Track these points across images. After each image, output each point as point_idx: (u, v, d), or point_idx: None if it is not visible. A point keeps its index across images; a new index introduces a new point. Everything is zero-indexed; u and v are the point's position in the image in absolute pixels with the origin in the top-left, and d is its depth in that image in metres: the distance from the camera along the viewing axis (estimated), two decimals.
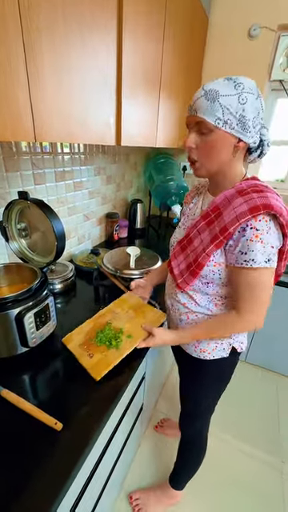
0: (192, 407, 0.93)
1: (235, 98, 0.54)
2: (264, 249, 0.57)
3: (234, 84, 0.54)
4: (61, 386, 0.66)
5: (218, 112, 0.54)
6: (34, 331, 0.68)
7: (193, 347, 0.78)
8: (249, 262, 0.58)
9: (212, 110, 0.54)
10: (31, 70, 0.54)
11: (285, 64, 1.55)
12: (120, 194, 1.72)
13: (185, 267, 0.69)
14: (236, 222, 0.56)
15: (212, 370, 0.80)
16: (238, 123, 0.55)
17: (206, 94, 0.55)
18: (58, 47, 0.58)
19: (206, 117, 0.55)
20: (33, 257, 0.87)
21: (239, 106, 0.54)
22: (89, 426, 0.57)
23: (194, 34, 1.38)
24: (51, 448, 0.53)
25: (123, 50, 0.80)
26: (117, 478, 0.99)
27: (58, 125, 0.65)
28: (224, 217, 0.59)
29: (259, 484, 1.21)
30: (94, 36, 0.69)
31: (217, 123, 0.55)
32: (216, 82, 0.56)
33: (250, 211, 0.55)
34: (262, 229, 0.56)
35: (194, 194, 0.81)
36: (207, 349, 0.75)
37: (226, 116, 0.54)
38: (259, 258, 0.57)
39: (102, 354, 0.71)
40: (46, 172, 1.07)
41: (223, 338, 0.74)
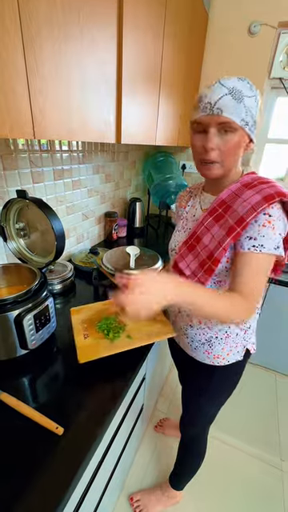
0: (194, 412, 0.91)
1: (253, 100, 0.56)
2: (274, 236, 0.56)
3: (249, 85, 0.56)
4: (61, 388, 0.65)
5: (242, 113, 0.55)
6: (33, 333, 0.67)
7: (205, 354, 0.73)
8: (258, 248, 0.56)
9: (239, 110, 0.54)
10: (30, 63, 0.52)
11: (285, 62, 1.54)
12: (119, 193, 1.71)
13: (197, 266, 0.66)
14: (253, 212, 0.56)
15: (223, 376, 0.77)
16: (253, 124, 0.57)
17: (231, 92, 0.53)
18: (56, 40, 0.57)
19: (234, 117, 0.54)
20: (32, 257, 0.86)
21: (255, 108, 0.56)
22: (90, 430, 0.56)
23: (193, 31, 1.36)
24: (52, 453, 0.51)
25: (123, 45, 0.79)
26: (117, 479, 0.98)
27: (58, 122, 0.63)
28: (237, 209, 0.58)
29: (259, 482, 1.21)
30: (93, 30, 0.67)
31: (241, 124, 0.55)
32: (232, 79, 0.55)
33: (266, 199, 0.55)
34: (274, 215, 0.56)
35: (187, 197, 0.79)
36: (221, 354, 0.72)
37: (248, 117, 0.56)
38: (269, 244, 0.56)
39: (96, 340, 0.72)
40: (45, 170, 1.05)
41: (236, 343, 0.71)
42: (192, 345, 0.75)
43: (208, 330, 0.71)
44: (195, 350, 0.75)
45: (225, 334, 0.71)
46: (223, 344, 0.71)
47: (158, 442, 1.35)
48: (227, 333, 0.70)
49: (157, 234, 1.81)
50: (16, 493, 0.45)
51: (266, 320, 1.64)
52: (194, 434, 0.98)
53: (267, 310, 1.61)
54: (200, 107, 0.57)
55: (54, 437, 0.54)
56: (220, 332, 0.70)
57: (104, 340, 0.72)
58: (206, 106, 0.55)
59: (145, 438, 1.36)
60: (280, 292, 1.52)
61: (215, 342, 0.71)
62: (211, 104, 0.55)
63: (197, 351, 0.75)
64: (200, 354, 0.75)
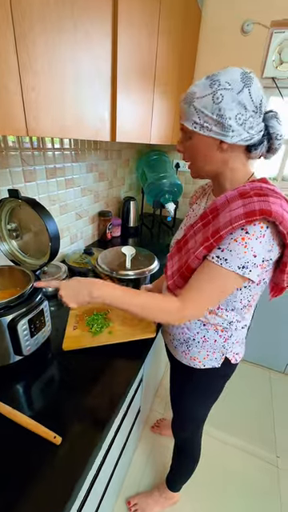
0: (182, 414, 0.91)
1: (209, 98, 0.50)
2: (244, 254, 0.51)
3: (210, 82, 0.50)
4: (58, 395, 0.63)
5: (194, 116, 0.53)
6: (28, 338, 0.64)
7: (183, 354, 0.74)
8: (220, 261, 0.52)
9: (189, 115, 0.54)
10: (22, 58, 0.49)
11: (277, 61, 1.54)
12: (112, 192, 1.68)
13: (176, 269, 0.65)
14: (229, 226, 0.51)
15: (202, 379, 0.76)
16: (216, 124, 0.52)
17: (185, 97, 0.54)
18: (49, 34, 0.54)
19: (185, 122, 0.55)
20: (25, 259, 0.83)
21: (214, 106, 0.50)
22: (89, 438, 0.54)
23: (187, 27, 1.35)
24: (51, 464, 0.49)
25: (118, 41, 0.77)
26: (116, 483, 0.97)
27: (52, 118, 0.61)
28: (220, 218, 0.54)
29: (255, 479, 1.22)
30: (87, 26, 0.65)
31: (193, 127, 0.54)
32: (199, 81, 0.53)
33: (246, 215, 0.49)
34: (252, 233, 0.50)
35: (199, 195, 0.78)
36: (198, 357, 0.72)
37: (203, 119, 0.52)
38: (233, 262, 0.51)
39: (81, 333, 0.79)
40: (37, 169, 1.01)
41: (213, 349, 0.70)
42: (173, 343, 0.76)
43: (187, 330, 0.70)
44: (175, 349, 0.77)
45: (202, 338, 0.69)
46: (200, 347, 0.70)
47: (154, 443, 1.34)
48: (205, 337, 0.69)
49: (151, 234, 1.80)
50: (12, 506, 0.43)
51: (259, 318, 1.65)
52: (186, 437, 0.98)
53: (260, 308, 1.62)
54: None
55: (52, 447, 0.52)
56: (198, 335, 0.69)
57: (88, 333, 0.79)
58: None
59: (142, 439, 1.35)
60: None
61: (192, 343, 0.71)
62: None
63: (176, 350, 0.76)
64: (179, 353, 0.76)
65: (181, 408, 0.90)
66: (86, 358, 0.74)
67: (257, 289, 0.60)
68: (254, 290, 0.60)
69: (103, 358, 0.74)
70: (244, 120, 0.51)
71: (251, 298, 0.62)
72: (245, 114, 0.51)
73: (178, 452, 1.04)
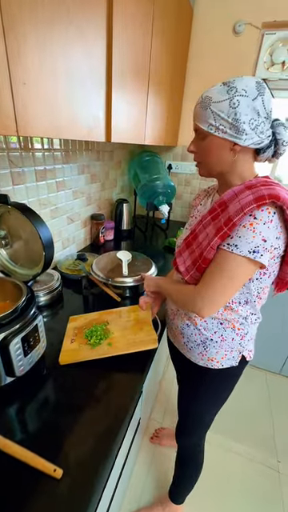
0: (191, 419, 0.88)
1: (226, 103, 0.54)
2: (253, 239, 0.53)
3: (228, 88, 0.54)
4: (55, 419, 0.57)
5: (210, 119, 0.56)
6: (21, 358, 0.59)
7: (199, 356, 0.73)
8: (230, 247, 0.55)
9: (204, 117, 0.57)
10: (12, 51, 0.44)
11: (269, 62, 1.54)
12: (105, 194, 1.63)
13: (191, 263, 0.65)
14: (241, 212, 0.53)
15: (219, 379, 0.76)
16: (231, 127, 0.55)
17: (201, 101, 0.57)
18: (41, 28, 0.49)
19: (200, 124, 0.58)
20: (15, 269, 0.76)
21: (231, 110, 0.54)
22: (93, 468, 0.49)
23: (180, 28, 1.32)
24: (52, 502, 0.44)
25: (113, 40, 0.74)
26: (116, 502, 0.92)
27: (44, 117, 0.56)
28: (229, 209, 0.56)
29: (257, 485, 1.20)
30: (82, 22, 0.60)
31: (209, 129, 0.57)
32: (214, 88, 0.56)
33: (255, 200, 0.52)
34: (260, 218, 0.52)
35: (202, 197, 0.78)
36: (216, 357, 0.71)
37: (218, 122, 0.56)
38: (243, 247, 0.53)
39: (79, 346, 0.75)
40: (26, 171, 0.95)
41: (231, 348, 0.70)
42: (188, 345, 0.75)
43: (204, 331, 0.70)
44: (190, 351, 0.75)
45: (220, 337, 0.69)
46: (218, 347, 0.70)
47: (154, 454, 1.30)
48: (223, 336, 0.69)
49: (145, 236, 1.76)
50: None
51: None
52: (191, 443, 0.95)
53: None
54: None
55: (52, 481, 0.47)
56: (215, 334, 0.69)
57: (86, 345, 0.75)
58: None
59: (141, 451, 1.31)
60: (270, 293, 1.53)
61: (210, 344, 0.70)
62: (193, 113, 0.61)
63: (192, 352, 0.74)
64: (195, 354, 0.74)
65: (191, 412, 0.87)
66: (85, 373, 0.69)
67: (267, 281, 0.62)
68: (265, 283, 0.62)
69: (103, 371, 0.69)
70: (256, 125, 0.54)
71: (261, 291, 0.64)
72: (257, 119, 0.54)
73: (182, 461, 1.00)
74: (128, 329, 0.82)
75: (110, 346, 0.75)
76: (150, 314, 0.87)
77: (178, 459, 1.01)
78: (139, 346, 0.75)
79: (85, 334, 0.79)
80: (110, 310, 0.91)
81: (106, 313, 0.90)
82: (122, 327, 0.83)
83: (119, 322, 0.85)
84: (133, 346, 0.75)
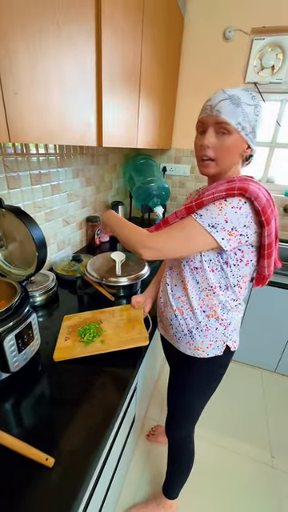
0: (181, 411, 0.91)
1: (252, 109, 0.59)
2: (217, 216, 0.59)
3: (251, 95, 0.60)
4: (49, 412, 0.60)
5: (239, 117, 0.59)
6: (15, 354, 0.61)
7: (187, 345, 0.77)
8: (197, 215, 0.61)
9: (235, 114, 0.58)
10: (3, 60, 0.47)
11: (259, 67, 1.58)
12: (100, 197, 1.66)
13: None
14: (210, 195, 0.61)
15: (205, 369, 0.79)
16: (251, 131, 0.61)
17: (230, 98, 0.58)
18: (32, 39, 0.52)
19: (230, 119, 0.59)
20: (10, 269, 0.79)
21: (254, 116, 0.60)
22: (84, 457, 0.52)
23: (170, 34, 1.36)
24: (43, 489, 0.46)
25: (102, 48, 0.76)
26: (111, 497, 0.94)
27: (36, 123, 0.58)
28: (204, 193, 0.63)
29: (251, 480, 1.22)
30: (72, 31, 0.63)
31: (237, 126, 0.59)
32: (235, 89, 0.60)
33: (226, 190, 0.60)
34: (229, 202, 0.59)
35: (194, 195, 0.82)
36: (201, 347, 0.75)
37: (245, 122, 0.59)
38: (205, 218, 0.60)
39: (73, 343, 0.78)
40: (21, 175, 0.98)
41: (215, 337, 0.74)
42: (176, 335, 0.78)
43: (190, 320, 0.74)
44: (179, 341, 0.78)
45: (205, 327, 0.73)
46: (203, 336, 0.74)
47: (150, 451, 1.32)
48: (207, 325, 0.73)
49: None
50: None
51: (249, 318, 1.67)
52: (181, 436, 0.97)
53: (251, 308, 1.64)
54: (203, 108, 0.63)
55: (44, 469, 0.49)
56: (200, 324, 0.73)
57: (80, 343, 0.78)
58: (207, 107, 0.62)
59: (137, 447, 1.32)
60: (263, 290, 1.56)
61: (196, 333, 0.74)
62: (211, 106, 0.60)
63: (180, 342, 0.78)
64: (183, 344, 0.78)
65: (180, 404, 0.89)
66: (78, 369, 0.71)
67: (245, 269, 0.67)
68: (243, 271, 0.67)
69: (96, 368, 0.72)
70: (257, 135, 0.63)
71: (241, 279, 0.69)
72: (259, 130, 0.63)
73: (174, 454, 1.02)
74: (120, 327, 0.85)
75: (103, 344, 0.78)
76: (142, 313, 0.90)
77: (170, 453, 1.03)
78: (131, 343, 0.78)
79: (78, 331, 0.82)
80: (103, 310, 0.94)
81: (100, 312, 0.93)
82: (115, 325, 0.85)
83: (112, 320, 0.88)
84: (125, 344, 0.78)
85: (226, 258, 0.65)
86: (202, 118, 0.63)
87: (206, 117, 0.61)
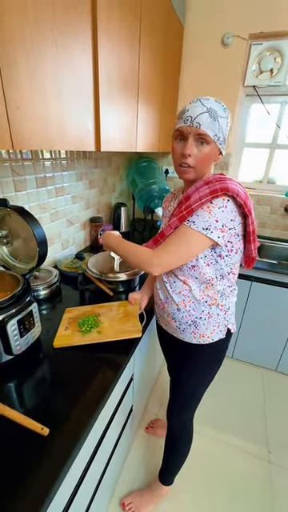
0: (185, 397, 0.95)
1: (225, 120, 0.67)
2: (207, 218, 0.66)
3: (223, 108, 0.67)
4: (48, 391, 0.66)
5: (216, 129, 0.66)
6: (18, 338, 0.68)
7: (192, 335, 0.81)
8: (190, 222, 0.67)
9: (213, 127, 0.66)
10: (5, 76, 0.54)
11: (257, 70, 1.62)
12: (103, 198, 1.73)
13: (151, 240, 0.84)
14: (198, 201, 0.67)
15: (209, 354, 0.85)
16: (223, 140, 0.69)
17: (208, 111, 0.65)
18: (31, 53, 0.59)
19: (209, 131, 0.66)
20: (15, 264, 0.87)
21: (225, 127, 0.68)
22: (76, 429, 0.58)
23: (169, 42, 1.42)
24: (38, 454, 0.53)
25: (99, 57, 0.82)
26: (108, 481, 0.99)
27: (37, 132, 0.65)
28: (191, 199, 0.69)
29: (247, 475, 1.25)
30: (68, 42, 0.70)
31: (214, 138, 0.67)
32: (210, 100, 0.67)
33: (210, 193, 0.66)
34: (216, 204, 0.66)
35: (171, 199, 0.88)
36: (206, 333, 0.81)
37: (219, 133, 0.67)
38: (198, 223, 0.66)
39: (72, 332, 0.85)
40: (27, 178, 1.06)
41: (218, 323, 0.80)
42: (180, 327, 0.83)
43: (193, 311, 0.79)
44: (183, 332, 0.83)
45: (208, 315, 0.79)
46: (207, 324, 0.79)
47: (149, 443, 1.36)
48: (209, 313, 0.79)
49: (142, 238, 1.84)
50: (1, 495, 0.46)
51: (250, 317, 1.69)
52: (183, 421, 1.01)
53: (251, 307, 1.66)
54: (183, 118, 0.67)
55: (40, 438, 0.55)
56: (203, 313, 0.78)
57: (78, 333, 0.84)
58: (187, 118, 0.66)
59: (136, 439, 1.37)
60: (263, 289, 1.58)
61: (200, 322, 0.79)
62: (192, 117, 0.65)
63: (185, 333, 0.83)
64: (188, 335, 0.82)
65: (184, 389, 0.93)
66: (75, 356, 0.78)
67: (236, 257, 0.75)
68: (234, 259, 0.75)
69: (91, 355, 0.78)
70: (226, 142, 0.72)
71: (233, 266, 0.77)
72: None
73: (173, 440, 1.06)
74: (116, 320, 0.91)
75: (99, 334, 0.84)
76: (138, 309, 0.96)
77: (169, 439, 1.07)
78: (125, 334, 0.84)
79: (78, 322, 0.88)
80: (102, 304, 1.00)
81: (99, 306, 0.99)
82: (111, 319, 0.92)
83: (109, 314, 0.94)
84: (119, 335, 0.84)
85: (219, 251, 0.71)
86: (182, 127, 0.67)
87: (186, 127, 0.66)
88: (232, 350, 1.85)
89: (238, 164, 1.95)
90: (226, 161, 1.82)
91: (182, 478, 1.15)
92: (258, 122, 1.81)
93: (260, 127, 1.83)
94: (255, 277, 1.57)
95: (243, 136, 1.87)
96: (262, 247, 1.86)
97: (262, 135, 1.84)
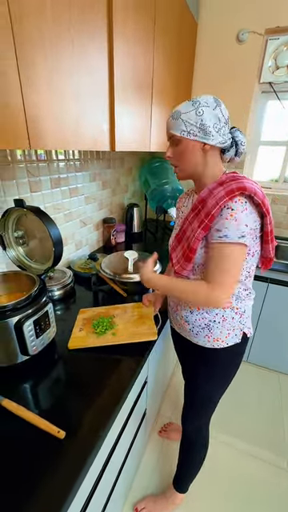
0: (201, 402, 0.92)
1: (193, 113, 0.65)
2: (238, 226, 0.63)
3: (192, 102, 0.66)
4: (63, 393, 0.66)
5: (181, 126, 0.66)
6: (33, 339, 0.68)
7: (206, 338, 0.79)
8: (222, 238, 0.64)
9: (177, 126, 0.67)
10: (24, 77, 0.54)
11: (273, 66, 1.58)
12: (116, 199, 1.73)
13: (181, 255, 0.76)
14: (216, 205, 0.64)
15: (224, 358, 0.82)
16: (199, 131, 0.66)
17: (172, 115, 0.68)
18: (48, 54, 0.59)
19: (174, 131, 0.68)
20: (31, 264, 0.87)
21: (197, 117, 0.65)
22: (92, 433, 0.57)
23: (182, 41, 1.41)
24: (54, 457, 0.52)
25: (114, 58, 0.82)
26: (121, 487, 0.97)
27: (53, 132, 0.65)
28: (208, 204, 0.67)
29: (266, 485, 1.20)
30: (84, 43, 0.70)
31: (182, 134, 0.67)
32: (181, 104, 0.67)
33: (227, 194, 0.63)
34: (236, 208, 0.63)
35: (184, 199, 0.87)
36: (220, 337, 0.78)
37: (189, 127, 0.66)
38: (232, 234, 0.63)
39: (87, 334, 0.84)
40: (42, 179, 1.07)
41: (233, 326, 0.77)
42: (193, 330, 0.80)
43: (206, 314, 0.76)
44: (197, 336, 0.80)
45: (222, 318, 0.76)
46: (221, 327, 0.77)
47: (162, 448, 1.34)
48: (223, 316, 0.76)
49: (155, 238, 1.83)
50: (17, 498, 0.46)
51: (266, 321, 1.64)
52: (198, 426, 0.98)
53: (267, 309, 1.61)
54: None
55: (56, 441, 0.54)
56: (217, 316, 0.76)
57: (93, 334, 0.84)
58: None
59: (149, 443, 1.35)
60: (279, 291, 1.53)
61: (213, 325, 0.77)
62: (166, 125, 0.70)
63: (198, 336, 0.80)
64: (201, 338, 0.80)
65: (200, 394, 0.91)
66: (90, 357, 0.77)
67: (252, 260, 0.72)
68: (251, 262, 0.72)
69: (106, 357, 0.77)
70: (219, 128, 0.66)
71: (250, 269, 0.74)
72: (219, 124, 0.66)
73: (187, 443, 1.03)
74: (131, 322, 0.90)
75: (114, 336, 0.83)
76: (153, 311, 0.94)
77: (184, 445, 1.04)
78: (140, 337, 0.83)
79: (93, 324, 0.87)
80: (116, 306, 0.99)
81: (113, 308, 0.98)
82: (126, 321, 0.91)
83: (124, 316, 0.93)
84: (134, 337, 0.83)
85: None
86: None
87: (166, 133, 0.72)
88: (247, 353, 1.80)
89: (253, 162, 1.90)
90: (240, 159, 1.78)
91: (197, 485, 1.12)
92: (274, 119, 1.77)
93: (276, 124, 1.78)
94: (271, 278, 1.52)
95: (258, 134, 1.82)
96: (277, 248, 1.81)
97: (278, 133, 1.79)
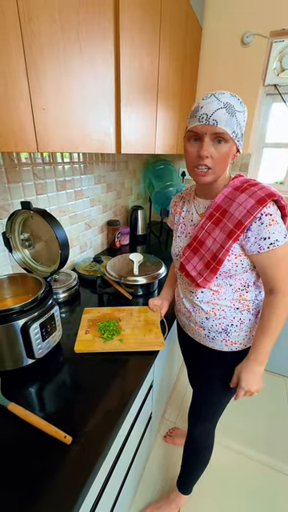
0: (211, 405, 0.91)
1: (242, 115, 0.61)
2: (281, 228, 0.63)
3: (240, 101, 0.61)
4: (69, 397, 0.65)
5: (234, 125, 0.60)
6: (40, 342, 0.67)
7: (223, 342, 0.77)
8: (274, 244, 0.62)
9: (231, 123, 0.60)
10: (32, 81, 0.54)
11: (279, 68, 1.58)
12: (120, 202, 1.73)
13: (203, 267, 0.72)
14: (250, 216, 0.61)
15: (241, 360, 0.78)
16: (241, 136, 0.63)
17: (225, 106, 0.58)
18: (56, 58, 0.59)
19: (227, 129, 0.59)
20: (37, 267, 0.87)
21: (243, 122, 0.62)
22: (99, 438, 0.56)
23: (187, 44, 1.41)
24: (61, 463, 0.51)
25: (121, 63, 0.82)
26: (127, 493, 0.96)
27: (60, 134, 0.65)
28: (234, 213, 0.64)
29: (271, 491, 1.17)
30: (92, 49, 0.70)
31: (232, 135, 0.61)
32: (225, 94, 0.60)
33: (259, 203, 0.61)
34: (273, 212, 0.62)
35: (181, 204, 0.83)
36: (238, 340, 0.76)
37: (237, 130, 0.61)
38: (280, 237, 0.62)
39: (93, 337, 0.83)
40: (48, 182, 1.07)
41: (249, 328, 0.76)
42: (209, 335, 0.79)
43: (224, 319, 0.75)
44: (213, 340, 0.79)
45: (239, 321, 0.75)
46: (239, 330, 0.75)
47: (167, 453, 1.32)
48: (241, 319, 0.75)
49: (159, 241, 1.82)
50: (23, 505, 0.45)
51: None
52: (206, 428, 0.97)
53: None
54: (196, 117, 0.61)
55: (63, 446, 0.54)
56: (234, 320, 0.75)
57: (99, 338, 0.82)
58: (202, 116, 0.60)
59: (154, 448, 1.33)
60: None
61: (231, 329, 0.75)
62: (207, 115, 0.59)
63: (214, 341, 0.79)
64: (218, 343, 0.78)
65: (211, 397, 0.89)
66: (96, 362, 0.76)
67: None
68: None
69: (112, 362, 0.76)
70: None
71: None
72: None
73: (194, 445, 1.01)
74: (138, 328, 0.88)
75: (121, 342, 0.81)
76: (159, 316, 0.93)
77: (190, 447, 1.02)
78: (147, 346, 0.81)
79: (98, 327, 0.86)
80: (122, 308, 0.98)
81: (118, 310, 0.97)
82: (133, 326, 0.89)
83: (130, 320, 0.92)
84: (142, 346, 0.81)
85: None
86: (196, 127, 0.61)
87: (201, 126, 0.60)
88: None
89: (258, 165, 1.89)
90: (245, 161, 1.78)
91: (201, 489, 1.10)
92: (279, 121, 1.76)
93: (281, 127, 1.77)
94: None
95: (263, 136, 1.81)
96: None
97: (283, 135, 1.78)
